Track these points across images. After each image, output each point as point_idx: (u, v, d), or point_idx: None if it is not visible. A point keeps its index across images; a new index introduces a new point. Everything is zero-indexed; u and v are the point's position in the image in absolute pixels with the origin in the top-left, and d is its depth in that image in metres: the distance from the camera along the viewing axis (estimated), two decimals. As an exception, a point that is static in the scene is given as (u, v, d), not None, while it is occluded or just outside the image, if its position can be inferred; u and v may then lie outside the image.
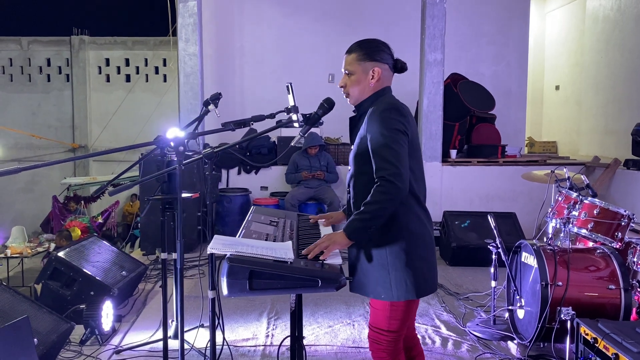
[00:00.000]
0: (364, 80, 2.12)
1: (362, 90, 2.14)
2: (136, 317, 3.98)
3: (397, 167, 1.93)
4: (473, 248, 5.37)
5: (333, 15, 8.04)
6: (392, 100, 2.09)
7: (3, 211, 11.37)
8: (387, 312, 2.07)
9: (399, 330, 2.11)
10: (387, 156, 1.95)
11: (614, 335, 2.59)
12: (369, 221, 1.95)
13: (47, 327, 3.00)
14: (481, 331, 3.67)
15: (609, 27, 7.78)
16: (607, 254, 3.32)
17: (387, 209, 1.95)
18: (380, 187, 1.94)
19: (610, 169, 6.55)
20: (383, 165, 1.95)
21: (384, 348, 2.12)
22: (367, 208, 1.95)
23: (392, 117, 2.00)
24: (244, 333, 3.68)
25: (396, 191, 1.93)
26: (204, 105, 2.97)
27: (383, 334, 2.10)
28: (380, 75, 2.11)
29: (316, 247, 1.96)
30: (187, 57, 6.72)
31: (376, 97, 2.13)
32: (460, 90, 6.95)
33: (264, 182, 6.89)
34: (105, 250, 4.36)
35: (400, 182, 1.93)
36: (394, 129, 1.98)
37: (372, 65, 2.11)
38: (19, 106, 11.82)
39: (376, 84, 2.13)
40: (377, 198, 1.94)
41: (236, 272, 1.77)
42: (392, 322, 2.08)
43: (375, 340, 2.14)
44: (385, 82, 2.15)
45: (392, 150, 1.95)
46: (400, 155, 1.96)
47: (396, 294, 2.02)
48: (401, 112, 2.03)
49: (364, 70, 2.12)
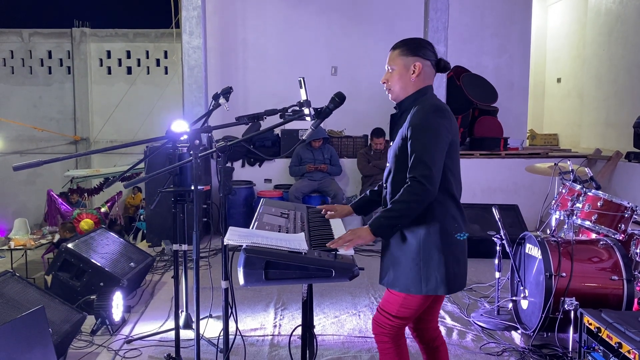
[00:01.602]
0: (405, 75, 2.14)
1: (403, 85, 2.15)
2: (145, 307, 4.03)
3: (430, 169, 1.96)
4: (476, 240, 5.41)
5: (336, 8, 8.05)
6: (435, 101, 2.11)
7: (6, 203, 11.41)
8: (402, 300, 2.11)
9: (407, 318, 2.16)
10: (422, 157, 1.98)
11: (617, 324, 2.64)
12: (395, 219, 1.99)
13: (61, 317, 3.06)
14: (485, 321, 3.73)
15: (611, 19, 7.79)
16: (610, 246, 3.37)
17: (415, 209, 1.98)
18: (409, 187, 1.98)
19: (611, 161, 6.59)
20: (416, 166, 1.98)
21: (386, 332, 2.17)
22: (395, 206, 1.99)
23: (434, 119, 2.03)
24: (252, 323, 3.74)
25: (424, 193, 1.96)
26: (214, 99, 3.01)
27: (389, 318, 2.15)
28: (421, 70, 2.13)
29: (340, 240, 2.00)
30: (191, 50, 6.73)
31: (418, 96, 2.14)
32: (463, 83, 6.97)
33: (268, 175, 6.93)
34: (113, 241, 4.40)
35: (430, 185, 1.96)
36: (435, 130, 2.01)
37: (414, 60, 2.13)
38: (20, 98, 11.84)
39: (417, 79, 2.14)
40: (405, 198, 1.97)
41: (253, 263, 1.82)
42: (402, 309, 2.12)
43: (379, 323, 2.19)
44: (426, 79, 2.16)
45: (428, 153, 1.98)
46: (435, 158, 1.98)
47: (425, 289, 2.06)
48: (443, 114, 2.06)
49: (405, 65, 2.14)
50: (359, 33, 7.89)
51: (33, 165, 1.81)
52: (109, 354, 3.23)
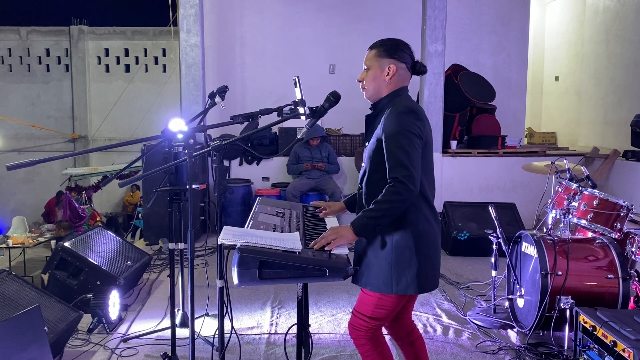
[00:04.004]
0: (380, 76, 2.16)
1: (377, 86, 2.18)
2: (142, 306, 4.04)
3: (410, 170, 1.98)
4: (473, 238, 5.43)
5: (334, 6, 8.04)
6: (409, 103, 2.13)
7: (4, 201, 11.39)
8: (376, 300, 2.12)
9: (382, 319, 2.17)
10: (401, 158, 2.00)
11: (612, 323, 2.65)
12: (377, 219, 2.00)
13: (57, 316, 3.06)
14: (481, 320, 3.74)
15: (609, 18, 7.79)
16: (606, 244, 3.38)
17: (397, 209, 2.00)
18: (392, 188, 1.99)
19: (609, 159, 6.60)
20: (396, 167, 2.00)
21: (363, 334, 2.18)
22: (378, 206, 2.00)
23: (408, 120, 2.04)
24: (249, 322, 3.74)
25: (407, 193, 1.98)
26: (210, 98, 3.00)
27: (365, 320, 2.16)
28: (395, 72, 2.15)
29: (323, 240, 2.01)
30: (188, 48, 6.72)
31: (393, 97, 2.16)
32: (461, 81, 6.97)
33: (266, 173, 6.94)
34: (110, 240, 4.41)
35: (412, 185, 1.98)
36: (409, 131, 2.02)
37: (389, 63, 2.15)
38: (18, 96, 11.80)
39: (391, 81, 2.16)
40: (388, 198, 1.99)
41: (247, 262, 1.82)
42: (377, 310, 2.13)
43: (355, 326, 2.19)
44: (401, 81, 2.18)
45: (406, 153, 2.00)
46: (413, 158, 2.01)
47: (395, 288, 2.08)
48: (417, 116, 2.07)
49: (380, 66, 2.16)
50: (357, 31, 7.88)
51: (26, 165, 1.81)
52: (105, 353, 3.23)
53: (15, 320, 2.41)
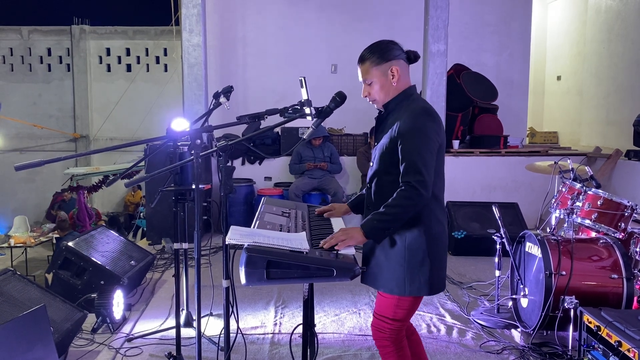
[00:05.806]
0: (386, 82, 2.14)
1: (386, 92, 2.16)
2: (145, 305, 4.04)
3: (423, 174, 1.98)
4: (476, 238, 5.43)
5: (336, 5, 8.04)
6: (423, 104, 2.12)
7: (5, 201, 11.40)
8: (395, 301, 2.12)
9: (404, 319, 2.17)
10: (415, 162, 1.99)
11: (617, 323, 2.65)
12: (388, 222, 2.00)
13: (62, 316, 3.06)
14: (485, 319, 3.74)
15: (611, 17, 7.78)
16: (610, 244, 3.38)
17: (408, 214, 2.00)
18: (404, 192, 1.98)
19: (611, 159, 6.60)
20: (410, 171, 1.99)
21: (387, 336, 2.18)
22: (389, 210, 1.99)
23: (424, 122, 2.04)
24: (253, 321, 3.74)
25: (419, 198, 1.98)
26: (214, 98, 3.01)
27: (387, 322, 2.16)
28: (399, 72, 2.14)
29: (332, 239, 2.00)
30: (190, 47, 6.72)
31: (404, 97, 2.15)
32: (463, 81, 6.97)
33: (268, 173, 6.94)
34: (113, 240, 4.41)
35: (424, 190, 1.98)
36: (425, 135, 2.02)
37: (389, 66, 2.13)
38: (19, 96, 11.80)
39: (398, 81, 2.15)
40: (400, 202, 1.98)
41: (254, 262, 1.82)
42: (398, 311, 2.14)
43: (378, 328, 2.20)
44: (406, 77, 2.17)
45: (421, 157, 1.99)
46: (428, 163, 2.00)
47: (408, 290, 2.08)
48: (433, 118, 2.07)
49: (383, 74, 2.14)
50: (359, 31, 7.88)
51: (34, 165, 1.81)
52: (109, 352, 3.24)
53: (21, 320, 2.41)
